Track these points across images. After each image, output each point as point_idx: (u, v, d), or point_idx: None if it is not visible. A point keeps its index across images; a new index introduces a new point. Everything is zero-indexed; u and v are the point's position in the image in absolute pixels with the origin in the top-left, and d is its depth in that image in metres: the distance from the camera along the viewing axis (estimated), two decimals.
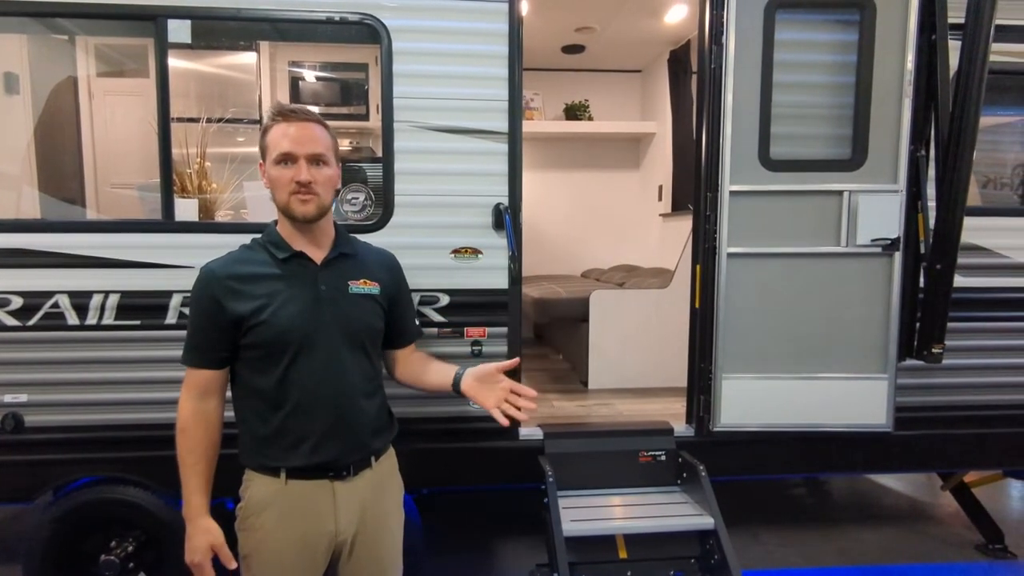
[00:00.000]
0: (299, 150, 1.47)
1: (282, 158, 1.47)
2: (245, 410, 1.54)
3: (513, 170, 2.46)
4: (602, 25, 4.34)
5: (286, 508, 1.50)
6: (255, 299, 1.46)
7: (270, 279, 1.50)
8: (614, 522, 2.41)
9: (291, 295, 1.49)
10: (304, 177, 1.46)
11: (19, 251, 2.29)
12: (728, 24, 2.45)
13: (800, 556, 3.01)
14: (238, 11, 2.32)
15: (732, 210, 2.53)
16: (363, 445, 1.58)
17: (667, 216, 4.90)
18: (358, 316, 1.56)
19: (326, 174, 1.52)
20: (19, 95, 2.92)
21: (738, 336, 2.58)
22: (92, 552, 2.37)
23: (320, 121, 1.53)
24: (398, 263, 1.75)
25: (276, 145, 1.48)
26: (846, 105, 2.51)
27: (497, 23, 2.41)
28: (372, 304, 1.60)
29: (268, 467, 1.51)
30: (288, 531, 1.50)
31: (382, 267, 1.68)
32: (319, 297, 1.52)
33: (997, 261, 2.70)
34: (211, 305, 1.47)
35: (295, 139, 1.47)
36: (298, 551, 1.50)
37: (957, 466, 2.99)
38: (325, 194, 1.52)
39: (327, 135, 1.54)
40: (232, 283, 1.48)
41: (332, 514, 1.52)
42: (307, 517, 1.51)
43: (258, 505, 1.51)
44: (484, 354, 2.47)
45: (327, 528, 1.52)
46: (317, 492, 1.52)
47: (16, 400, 2.33)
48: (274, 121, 1.50)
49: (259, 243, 1.57)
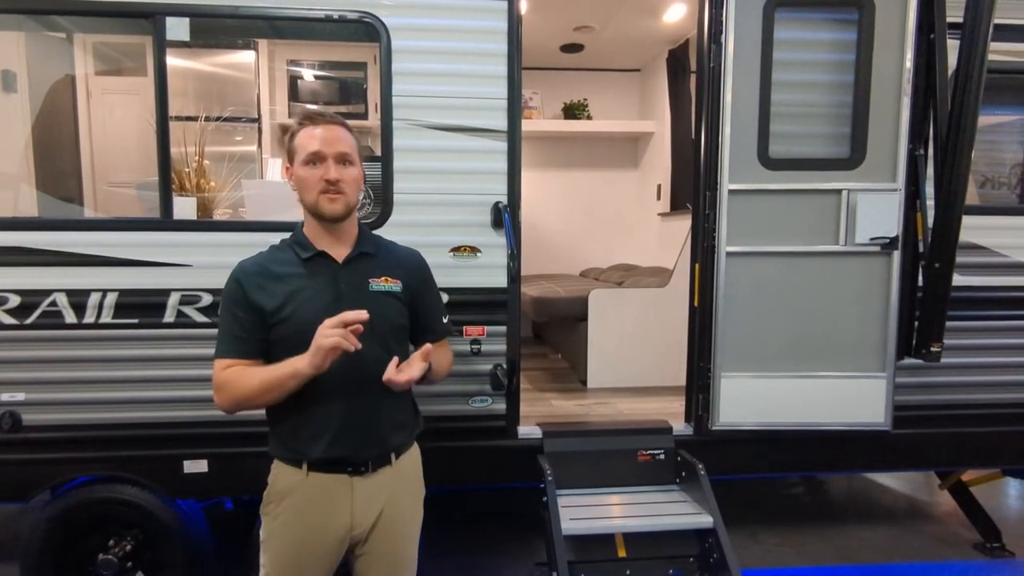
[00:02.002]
0: (327, 150, 1.52)
1: (311, 158, 1.52)
2: (275, 410, 1.57)
3: (512, 169, 2.45)
4: (601, 24, 4.34)
5: (305, 499, 1.55)
6: (278, 296, 1.52)
7: (294, 277, 1.55)
8: (613, 521, 2.41)
9: (313, 293, 1.54)
10: (333, 175, 1.52)
11: (17, 249, 2.28)
12: (727, 23, 2.45)
13: (799, 555, 3.01)
14: (236, 9, 2.32)
15: (731, 209, 2.53)
16: (382, 441, 1.61)
17: (666, 215, 4.90)
18: (379, 313, 1.56)
19: (352, 174, 1.56)
20: (17, 93, 2.91)
21: (737, 335, 2.58)
22: (90, 551, 2.37)
23: (344, 124, 1.59)
24: (423, 261, 1.77)
25: (305, 147, 1.53)
26: (845, 104, 2.51)
27: (496, 21, 2.41)
28: (394, 301, 1.63)
29: (291, 458, 1.57)
30: (305, 521, 1.56)
31: (405, 265, 1.70)
32: (339, 295, 1.55)
33: (996, 260, 2.70)
34: (242, 297, 1.53)
35: (323, 139, 1.52)
36: (313, 541, 1.56)
37: (956, 465, 3.00)
38: (352, 193, 1.57)
39: (351, 136, 1.59)
40: (260, 279, 1.54)
41: (349, 508, 1.56)
42: (324, 509, 1.56)
43: (279, 493, 1.58)
44: (483, 352, 2.47)
45: (343, 521, 1.56)
46: (336, 485, 1.56)
47: (13, 399, 2.32)
48: (301, 126, 1.56)
49: (287, 243, 1.63)
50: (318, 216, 1.55)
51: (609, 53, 4.98)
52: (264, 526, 1.61)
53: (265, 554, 1.60)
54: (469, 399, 2.50)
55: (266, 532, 1.60)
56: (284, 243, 1.64)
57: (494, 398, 2.52)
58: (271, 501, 1.59)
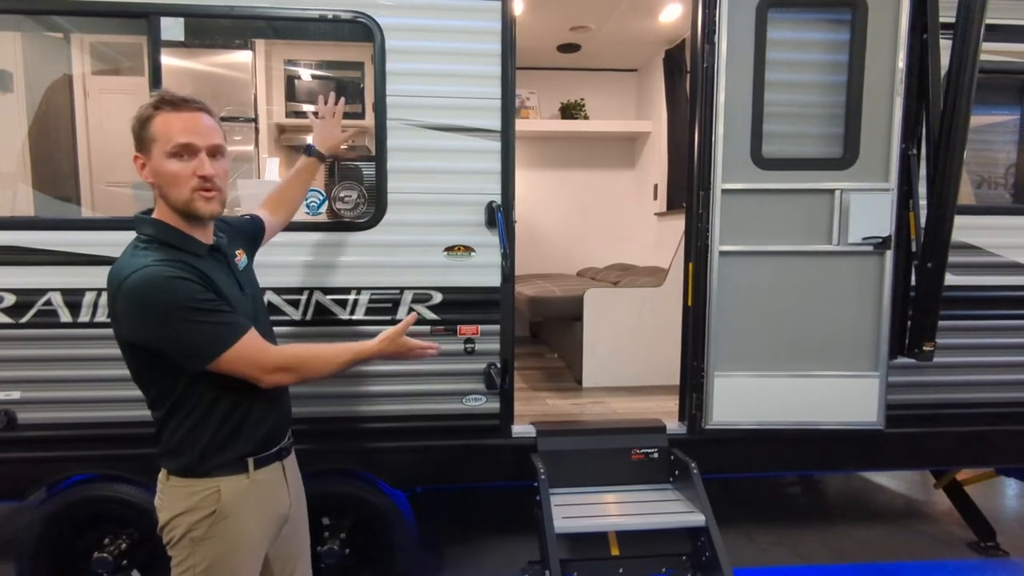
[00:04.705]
0: (200, 142, 1.36)
1: (179, 150, 1.35)
2: (207, 416, 1.44)
3: (506, 168, 2.46)
4: (597, 24, 4.35)
5: (256, 499, 1.50)
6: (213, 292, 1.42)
7: (209, 273, 1.42)
8: (606, 519, 2.42)
9: (225, 285, 1.46)
10: (208, 171, 1.37)
11: (12, 248, 2.29)
12: (720, 23, 2.46)
13: (792, 554, 3.02)
14: (231, 9, 2.33)
15: (724, 208, 2.53)
16: (290, 418, 1.65)
17: (662, 215, 4.91)
18: (256, 287, 1.64)
19: (224, 167, 1.43)
20: (13, 93, 2.92)
21: (730, 334, 2.58)
22: (85, 550, 2.38)
23: (209, 109, 1.42)
24: (233, 219, 1.74)
25: (169, 136, 1.34)
26: (838, 104, 2.51)
27: (490, 21, 2.41)
28: (253, 270, 1.67)
29: (231, 464, 1.46)
30: (260, 521, 1.52)
31: (233, 232, 1.67)
32: (239, 282, 1.54)
33: (988, 259, 2.71)
34: (206, 287, 1.37)
35: (192, 130, 1.36)
36: (268, 537, 1.55)
37: (949, 464, 3.01)
38: (226, 189, 1.44)
39: (218, 125, 1.44)
40: (194, 277, 1.37)
41: (286, 491, 1.60)
42: (273, 500, 1.56)
43: (230, 506, 1.45)
44: (477, 352, 2.48)
45: (285, 504, 1.59)
46: (275, 474, 1.57)
47: (9, 397, 2.33)
48: (157, 109, 1.36)
49: (162, 243, 1.40)
50: (190, 216, 1.39)
51: (606, 53, 4.98)
52: (204, 553, 1.43)
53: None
54: (463, 398, 2.51)
55: (212, 554, 1.43)
56: (158, 244, 1.39)
57: (488, 397, 2.52)
58: (220, 520, 1.43)
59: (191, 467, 1.44)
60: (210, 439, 1.44)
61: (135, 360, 1.43)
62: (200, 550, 1.44)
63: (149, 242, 1.40)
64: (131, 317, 1.34)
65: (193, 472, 1.44)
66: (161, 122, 1.36)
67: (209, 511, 1.43)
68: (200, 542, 1.44)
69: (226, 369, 1.38)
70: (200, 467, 1.44)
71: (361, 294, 2.42)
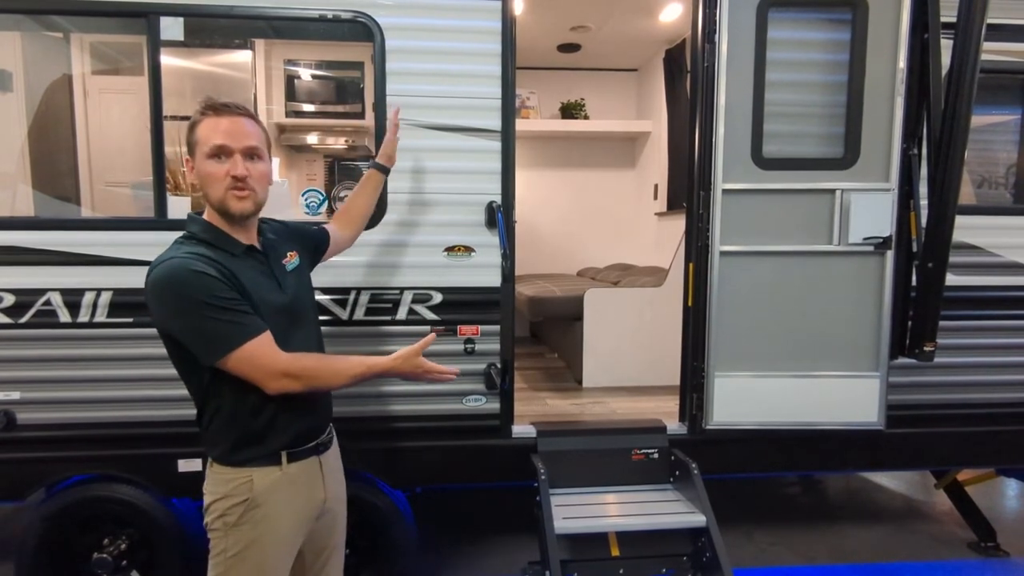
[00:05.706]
0: (234, 144, 1.44)
1: (215, 151, 1.43)
2: (235, 410, 1.49)
3: (506, 168, 2.46)
4: (597, 24, 4.34)
5: (288, 491, 1.53)
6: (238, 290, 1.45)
7: (240, 272, 1.46)
8: (606, 520, 2.41)
9: (258, 285, 1.50)
10: (240, 171, 1.43)
11: (12, 248, 2.29)
12: (721, 23, 2.46)
13: (793, 554, 3.02)
14: (231, 8, 2.32)
15: (725, 208, 2.53)
16: (329, 413, 1.68)
17: (662, 215, 4.91)
18: (303, 289, 1.65)
19: (260, 169, 1.49)
20: (13, 93, 2.91)
21: (731, 334, 2.58)
22: (85, 550, 2.38)
23: (252, 115, 1.50)
24: (293, 223, 1.80)
25: (208, 139, 1.43)
26: (838, 104, 2.51)
27: (490, 21, 2.41)
28: (305, 271, 1.70)
29: (266, 456, 1.51)
30: (293, 512, 1.55)
31: (286, 233, 1.72)
32: (280, 284, 1.57)
33: (989, 259, 2.70)
34: (225, 285, 1.39)
35: (229, 132, 1.43)
36: (299, 529, 1.57)
37: (949, 464, 3.00)
38: (261, 190, 1.50)
39: (260, 129, 1.51)
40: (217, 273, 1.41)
41: (322, 484, 1.62)
42: (306, 493, 1.58)
43: (262, 496, 1.49)
44: (477, 352, 2.48)
45: (319, 498, 1.62)
46: (311, 467, 1.59)
47: (8, 397, 2.33)
48: (203, 115, 1.45)
49: (201, 240, 1.47)
50: (225, 214, 1.47)
51: (606, 53, 4.98)
52: (236, 539, 1.48)
53: (242, 563, 1.49)
54: (463, 398, 2.51)
55: (244, 542, 1.48)
56: (197, 241, 1.47)
57: (488, 397, 2.52)
58: (252, 508, 1.48)
59: (226, 456, 1.50)
60: (242, 432, 1.49)
61: (168, 349, 1.49)
62: (233, 535, 1.49)
63: (189, 238, 1.48)
64: (153, 305, 1.41)
65: (228, 461, 1.50)
66: (204, 126, 1.45)
67: (242, 498, 1.48)
68: (232, 528, 1.49)
69: (233, 369, 1.40)
70: (234, 457, 1.50)
71: (361, 294, 2.42)
